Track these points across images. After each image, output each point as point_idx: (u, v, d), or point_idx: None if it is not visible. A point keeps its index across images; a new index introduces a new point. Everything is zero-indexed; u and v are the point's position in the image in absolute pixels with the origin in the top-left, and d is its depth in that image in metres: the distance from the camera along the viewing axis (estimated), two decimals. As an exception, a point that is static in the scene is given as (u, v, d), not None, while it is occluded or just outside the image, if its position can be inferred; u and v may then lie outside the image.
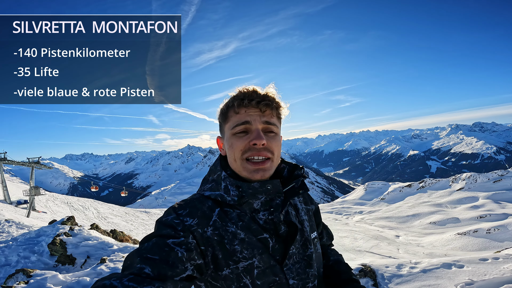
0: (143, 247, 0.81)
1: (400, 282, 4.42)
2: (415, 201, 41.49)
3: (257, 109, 0.95)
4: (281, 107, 1.02)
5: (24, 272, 4.37)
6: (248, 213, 0.94)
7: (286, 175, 1.08)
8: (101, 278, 0.73)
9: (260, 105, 0.95)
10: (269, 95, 0.98)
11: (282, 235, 0.95)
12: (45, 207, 29.81)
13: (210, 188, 1.00)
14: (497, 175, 41.02)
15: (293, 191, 1.01)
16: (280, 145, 1.01)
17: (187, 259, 0.80)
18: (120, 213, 31.95)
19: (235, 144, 0.95)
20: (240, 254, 0.87)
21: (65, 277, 4.26)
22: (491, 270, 4.45)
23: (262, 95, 0.97)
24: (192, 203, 0.94)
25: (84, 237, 6.84)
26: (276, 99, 0.99)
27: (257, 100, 0.95)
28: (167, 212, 0.92)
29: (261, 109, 0.95)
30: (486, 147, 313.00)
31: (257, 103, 0.95)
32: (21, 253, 6.64)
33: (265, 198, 0.95)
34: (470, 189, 39.92)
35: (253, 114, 0.95)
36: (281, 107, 1.02)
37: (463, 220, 29.22)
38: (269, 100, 0.97)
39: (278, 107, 1.00)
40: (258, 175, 0.93)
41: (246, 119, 0.94)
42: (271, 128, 0.97)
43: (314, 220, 1.12)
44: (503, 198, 33.78)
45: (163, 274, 0.74)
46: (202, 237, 0.87)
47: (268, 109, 0.97)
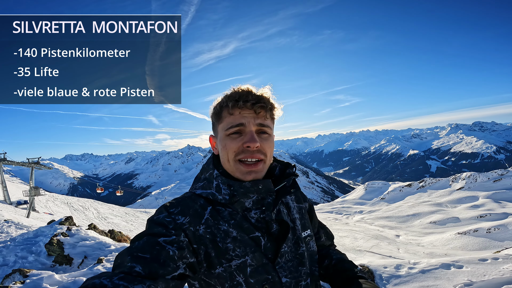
0: (134, 245, 0.80)
1: (398, 283, 4.41)
2: (415, 200, 41.53)
3: (252, 111, 0.94)
4: (275, 108, 1.01)
5: (20, 272, 4.36)
6: (240, 212, 0.94)
7: (278, 173, 1.08)
8: (91, 277, 0.72)
9: (255, 107, 0.94)
10: (264, 96, 0.96)
11: (274, 234, 0.95)
12: (45, 208, 29.83)
13: (202, 186, 0.99)
14: (497, 175, 41.06)
15: (285, 190, 1.01)
16: (272, 146, 1.00)
17: (179, 257, 0.79)
18: (120, 213, 31.99)
19: (229, 145, 0.94)
20: (232, 252, 0.87)
21: (61, 277, 4.25)
22: (490, 270, 4.43)
23: (257, 96, 0.95)
24: (184, 201, 0.94)
25: (81, 237, 6.83)
26: (270, 100, 0.98)
27: (252, 101, 0.94)
28: (159, 211, 0.91)
29: (256, 111, 0.95)
30: (486, 146, 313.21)
31: (252, 104, 0.94)
32: (18, 253, 6.64)
33: (257, 197, 0.95)
34: (470, 188, 39.97)
35: (247, 115, 0.94)
36: (275, 108, 1.01)
37: (463, 220, 29.26)
38: (264, 102, 0.95)
39: (272, 108, 0.99)
40: (251, 176, 0.93)
41: (240, 121, 0.93)
42: (265, 130, 0.96)
43: (307, 218, 1.11)
44: (503, 197, 33.83)
45: (154, 272, 0.73)
46: (194, 236, 0.86)
47: (262, 111, 0.96)
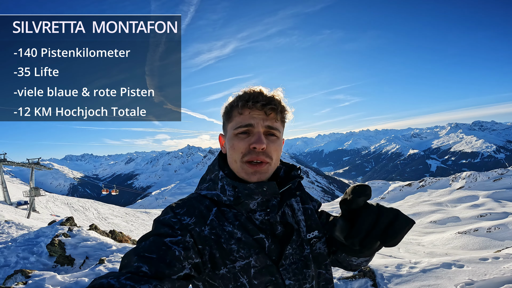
0: (140, 246, 0.80)
1: (399, 282, 4.41)
2: (415, 200, 41.54)
3: (262, 112, 0.94)
4: (286, 111, 1.00)
5: (22, 272, 4.37)
6: (245, 213, 0.94)
7: (283, 175, 1.07)
8: (98, 277, 0.72)
9: (265, 108, 0.93)
10: (275, 97, 0.96)
11: (278, 236, 0.94)
12: (45, 208, 29.83)
13: (207, 187, 1.00)
14: (497, 174, 41.06)
15: (290, 192, 1.00)
16: (280, 149, 0.99)
17: (185, 257, 0.80)
18: (120, 214, 32.00)
19: (236, 145, 0.94)
20: (237, 254, 0.87)
21: (63, 278, 4.26)
22: (491, 270, 4.44)
23: (268, 97, 0.94)
24: (189, 202, 0.94)
25: (82, 237, 6.83)
26: (282, 102, 0.98)
27: (262, 102, 0.93)
28: (165, 211, 0.91)
29: (266, 112, 0.94)
30: (486, 145, 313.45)
31: (262, 105, 0.93)
32: (20, 254, 6.63)
33: (261, 199, 0.94)
34: (470, 188, 39.98)
35: (256, 116, 0.94)
36: (286, 111, 1.00)
37: (464, 219, 29.26)
38: (275, 104, 0.95)
39: (283, 111, 0.98)
40: (255, 177, 0.93)
41: (249, 121, 0.93)
42: (273, 132, 0.96)
43: (314, 219, 1.08)
44: (503, 196, 33.82)
45: (161, 272, 0.73)
46: (199, 236, 0.86)
47: (272, 113, 0.95)
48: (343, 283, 4.50)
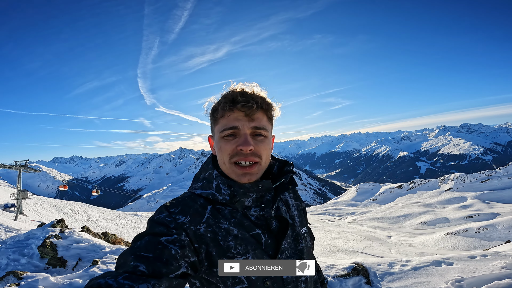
0: (136, 245, 0.81)
1: (392, 279, 4.49)
2: (406, 201, 42.03)
3: (246, 113, 0.94)
4: (272, 109, 1.00)
5: (14, 274, 4.28)
6: (240, 210, 0.95)
7: (276, 171, 1.09)
8: (94, 277, 0.73)
9: (250, 109, 0.93)
10: (258, 95, 0.96)
11: (274, 231, 0.97)
12: (33, 211, 29.11)
13: (201, 186, 1.00)
14: (485, 176, 41.93)
15: (283, 187, 1.02)
16: (269, 148, 1.00)
17: (181, 256, 0.81)
18: (110, 216, 31.41)
19: (224, 147, 0.95)
20: (234, 250, 0.89)
21: (56, 279, 4.19)
22: (480, 267, 4.56)
23: (250, 96, 0.94)
24: (184, 201, 0.95)
25: (75, 239, 6.73)
26: (266, 100, 0.98)
27: (244, 103, 0.92)
28: (159, 210, 0.92)
29: (250, 113, 0.94)
30: (474, 148, 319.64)
31: (245, 106, 0.93)
32: (10, 256, 6.48)
33: (256, 195, 0.96)
34: (458, 189, 40.65)
35: (241, 118, 0.94)
36: (272, 109, 1.00)
37: (453, 220, 29.73)
38: (258, 103, 0.95)
39: (268, 109, 0.99)
40: (245, 179, 0.94)
41: (234, 124, 0.93)
42: (260, 132, 0.96)
43: (304, 216, 1.15)
44: (491, 198, 34.49)
45: (158, 271, 0.74)
46: (195, 235, 0.87)
47: (257, 113, 0.95)
48: (338, 281, 4.55)
